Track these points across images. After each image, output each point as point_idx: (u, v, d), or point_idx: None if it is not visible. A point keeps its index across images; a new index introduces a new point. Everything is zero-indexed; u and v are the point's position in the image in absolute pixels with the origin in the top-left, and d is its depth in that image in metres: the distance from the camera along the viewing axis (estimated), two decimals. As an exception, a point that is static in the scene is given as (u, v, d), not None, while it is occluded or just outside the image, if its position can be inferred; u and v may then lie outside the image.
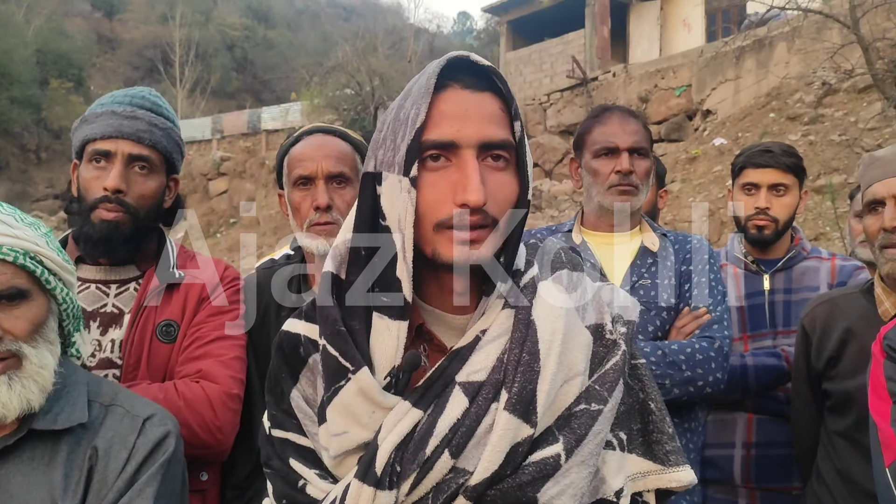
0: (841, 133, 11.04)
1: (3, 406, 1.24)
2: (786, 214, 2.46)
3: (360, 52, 26.16)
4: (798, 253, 2.53)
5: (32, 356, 1.29)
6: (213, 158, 27.32)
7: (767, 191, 2.45)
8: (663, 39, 19.93)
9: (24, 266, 1.29)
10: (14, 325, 1.27)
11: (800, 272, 2.50)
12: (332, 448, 1.06)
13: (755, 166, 2.47)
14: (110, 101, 1.83)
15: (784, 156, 2.46)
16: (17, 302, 1.29)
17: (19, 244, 1.29)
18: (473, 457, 1.01)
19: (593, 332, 1.11)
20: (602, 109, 2.19)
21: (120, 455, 1.32)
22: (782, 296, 2.48)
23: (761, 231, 2.46)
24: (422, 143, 1.03)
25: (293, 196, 1.90)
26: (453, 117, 1.03)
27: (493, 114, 1.04)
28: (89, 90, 35.02)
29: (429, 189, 1.03)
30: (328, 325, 1.09)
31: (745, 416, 2.43)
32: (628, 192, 2.06)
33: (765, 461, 2.37)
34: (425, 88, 1.03)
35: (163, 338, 1.76)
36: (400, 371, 1.06)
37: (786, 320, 2.45)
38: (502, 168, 1.05)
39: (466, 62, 1.06)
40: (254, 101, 37.66)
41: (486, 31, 35.05)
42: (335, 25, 44.91)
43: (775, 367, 2.33)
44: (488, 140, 1.03)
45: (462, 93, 1.04)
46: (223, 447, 1.70)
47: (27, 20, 35.05)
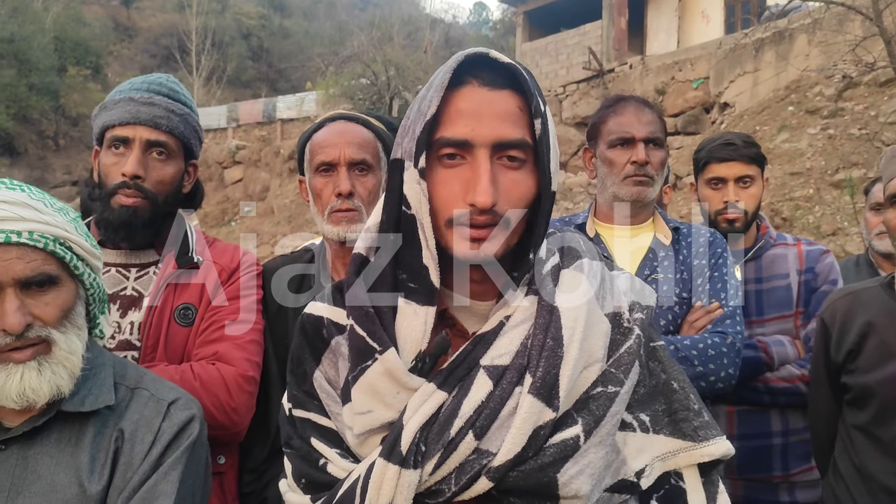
0: (861, 127, 10.91)
1: (33, 392, 1.26)
2: (753, 205, 2.48)
3: (375, 42, 26.11)
4: (766, 241, 2.54)
5: (62, 342, 1.30)
6: (228, 147, 27.39)
7: (734, 184, 2.47)
8: (681, 31, 19.74)
9: (54, 252, 1.30)
10: (44, 312, 1.29)
11: (769, 260, 2.52)
12: (357, 427, 1.09)
13: (719, 160, 2.48)
14: (129, 88, 1.85)
15: (746, 147, 2.47)
16: (47, 288, 1.30)
17: (49, 230, 1.30)
18: (497, 438, 1.03)
19: (611, 320, 1.13)
20: (617, 99, 2.18)
21: (146, 438, 1.34)
22: (754, 285, 2.49)
23: (732, 224, 2.46)
24: (437, 139, 1.05)
25: (315, 182, 1.91)
26: (469, 115, 1.04)
27: (509, 112, 1.05)
28: (106, 78, 35.19)
29: (442, 185, 1.05)
30: (356, 306, 1.11)
31: (726, 408, 2.44)
32: (643, 183, 2.06)
33: (746, 452, 2.38)
34: (440, 83, 1.05)
35: (181, 321, 1.78)
36: (427, 355, 1.09)
37: (759, 310, 2.46)
38: (517, 167, 1.06)
39: (486, 59, 1.07)
40: (269, 90, 37.71)
41: (503, 22, 34.91)
42: (351, 15, 44.84)
43: (753, 359, 2.33)
44: (502, 140, 1.04)
45: (479, 90, 1.05)
46: (238, 428, 1.72)
47: (45, 8, 35.24)
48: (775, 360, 2.35)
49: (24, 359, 1.26)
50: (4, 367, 1.26)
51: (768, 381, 2.34)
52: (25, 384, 1.25)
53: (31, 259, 1.27)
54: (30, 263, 1.26)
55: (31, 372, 1.26)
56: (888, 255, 2.92)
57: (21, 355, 1.26)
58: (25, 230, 1.26)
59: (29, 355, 1.27)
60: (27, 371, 1.26)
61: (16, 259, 1.25)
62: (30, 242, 1.27)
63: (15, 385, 1.25)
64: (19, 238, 1.26)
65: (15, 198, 1.30)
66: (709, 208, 2.50)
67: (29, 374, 1.26)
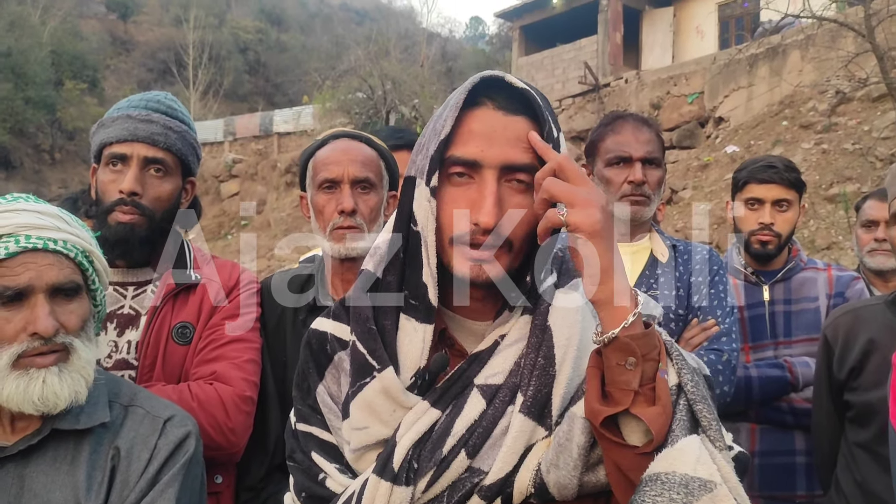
0: (854, 142, 10.97)
1: (55, 395, 1.27)
2: (788, 229, 2.51)
3: (372, 56, 26.20)
4: (796, 264, 2.57)
5: (81, 350, 1.33)
6: (224, 160, 27.43)
7: (771, 206, 2.49)
8: (676, 46, 19.87)
9: (81, 264, 1.35)
10: (68, 319, 1.32)
11: (798, 283, 2.54)
12: (353, 442, 1.10)
13: (759, 182, 2.50)
14: (126, 105, 1.85)
15: (787, 171, 2.50)
16: (72, 297, 1.33)
17: (79, 242, 1.35)
18: (489, 457, 1.04)
19: None
20: (615, 117, 2.19)
21: (142, 456, 1.34)
22: (782, 306, 2.51)
23: (765, 246, 2.50)
24: (448, 157, 1.06)
25: (317, 199, 1.91)
26: (480, 137, 1.05)
27: (520, 137, 1.06)
28: (103, 91, 35.29)
29: (450, 203, 1.06)
30: (360, 323, 1.13)
31: (749, 426, 2.44)
32: (640, 202, 2.07)
33: (769, 469, 2.38)
34: (455, 103, 1.06)
35: (178, 339, 1.77)
36: (426, 372, 1.10)
37: (786, 331, 2.49)
38: (523, 191, 1.06)
39: (501, 82, 1.08)
40: (266, 103, 37.84)
41: (499, 37, 35.08)
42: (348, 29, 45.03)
43: (778, 379, 2.34)
44: (510, 163, 1.05)
45: (493, 113, 1.07)
46: (235, 449, 1.71)
47: (43, 21, 35.36)
48: (800, 381, 2.36)
49: (46, 364, 1.28)
50: (26, 372, 1.27)
51: (792, 401, 2.35)
52: (48, 389, 1.27)
53: (64, 266, 1.33)
54: (63, 271, 1.32)
55: (52, 377, 1.28)
56: (880, 273, 2.93)
57: (44, 360, 1.28)
58: (61, 239, 1.33)
59: (52, 360, 1.29)
60: (49, 376, 1.28)
61: (50, 265, 1.30)
62: (64, 251, 1.32)
63: (37, 390, 1.26)
64: (55, 246, 1.31)
65: (48, 210, 1.37)
66: (743, 228, 2.53)
67: (51, 378, 1.28)
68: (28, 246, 1.29)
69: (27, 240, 1.29)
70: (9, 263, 1.27)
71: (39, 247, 1.30)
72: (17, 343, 1.27)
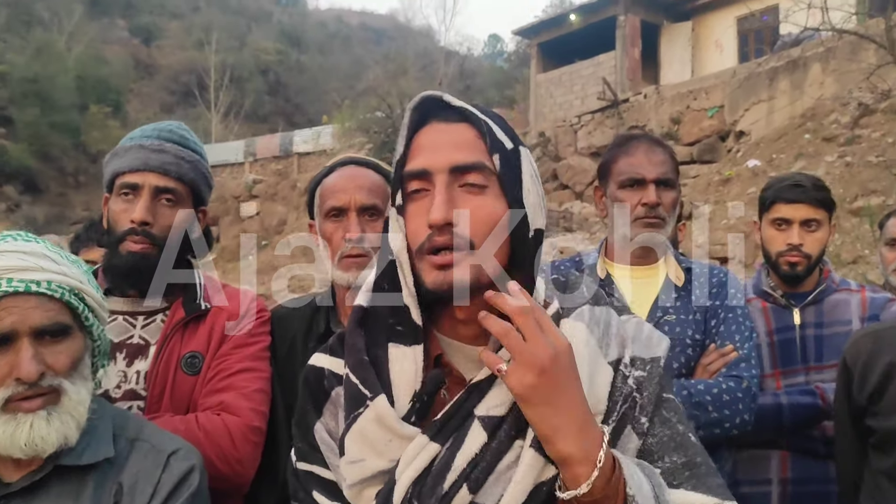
0: (878, 154, 10.82)
1: (42, 440, 1.26)
2: (818, 250, 2.39)
3: (390, 75, 26.45)
4: (828, 286, 2.46)
5: (71, 392, 1.31)
6: (245, 181, 27.69)
7: (800, 227, 2.38)
8: (695, 61, 19.82)
9: (69, 303, 1.33)
10: (56, 361, 1.30)
11: (831, 305, 2.43)
12: (350, 476, 1.08)
13: (786, 201, 2.40)
14: (139, 135, 1.86)
15: (815, 190, 2.39)
16: (60, 338, 1.31)
17: (66, 281, 1.33)
18: (493, 493, 1.01)
19: (615, 368, 1.11)
20: (628, 138, 2.16)
21: (145, 491, 1.33)
22: (814, 330, 2.41)
23: (794, 268, 2.38)
24: (402, 175, 1.10)
25: (325, 227, 1.90)
26: (427, 148, 1.08)
27: (465, 141, 1.08)
28: (127, 115, 35.84)
29: (411, 218, 1.08)
30: (353, 355, 1.13)
31: (780, 453, 2.35)
32: (654, 225, 2.03)
33: (803, 497, 2.29)
34: (404, 125, 1.11)
35: (187, 370, 1.76)
36: (423, 394, 1.08)
37: (818, 355, 2.38)
38: (478, 192, 1.06)
39: (441, 101, 1.11)
40: (286, 124, 38.19)
41: (517, 54, 35.20)
42: (366, 49, 45.52)
43: (810, 406, 2.25)
44: (457, 164, 1.06)
45: (437, 126, 1.10)
46: (243, 480, 1.69)
47: (68, 48, 36.08)
48: (832, 408, 2.28)
49: (33, 408, 1.27)
50: (13, 417, 1.25)
51: (826, 429, 2.25)
52: (35, 433, 1.25)
53: (49, 309, 1.30)
54: (47, 313, 1.29)
55: (40, 421, 1.26)
56: None
57: (31, 405, 1.27)
58: (44, 280, 1.30)
59: (39, 404, 1.27)
60: (36, 420, 1.26)
61: (34, 308, 1.28)
62: (48, 292, 1.30)
63: (24, 435, 1.25)
64: (38, 288, 1.29)
65: (34, 249, 1.33)
66: (771, 249, 2.43)
67: (38, 423, 1.26)
68: (9, 290, 1.27)
69: (9, 283, 1.27)
70: None
71: (21, 290, 1.27)
72: (3, 388, 1.26)
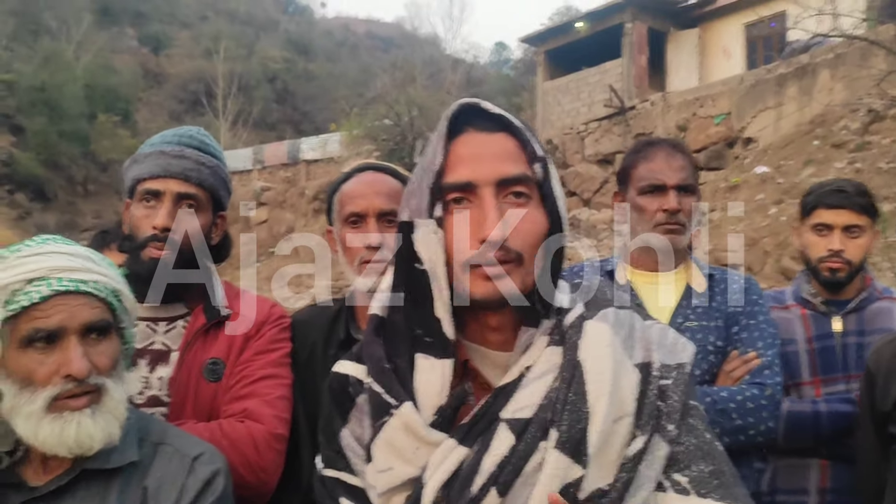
0: (889, 161, 10.78)
1: (90, 438, 1.27)
2: (860, 256, 2.36)
3: (398, 83, 26.52)
4: (870, 294, 2.42)
5: (113, 391, 1.33)
6: (253, 188, 27.78)
7: (841, 232, 2.35)
8: (702, 68, 19.80)
9: (111, 304, 1.36)
10: (100, 360, 1.32)
11: (872, 313, 2.40)
12: (379, 485, 1.08)
13: (828, 207, 2.37)
14: (160, 140, 1.86)
15: (858, 196, 2.37)
16: (103, 337, 1.34)
17: (108, 282, 1.36)
18: (522, 495, 1.01)
19: (641, 370, 1.11)
20: (648, 143, 2.15)
21: (170, 495, 1.33)
22: (855, 338, 2.38)
23: (835, 274, 2.35)
24: (442, 186, 1.07)
25: (344, 233, 1.90)
26: (469, 159, 1.07)
27: (508, 151, 1.07)
28: (136, 124, 35.99)
29: (454, 231, 1.06)
30: (374, 364, 1.13)
31: (819, 461, 2.32)
32: (675, 231, 2.02)
33: None
34: (440, 134, 1.09)
35: (209, 377, 1.76)
36: (448, 409, 1.08)
37: (859, 363, 2.33)
38: (524, 204, 1.07)
39: (478, 108, 1.10)
40: (294, 131, 38.36)
41: (524, 61, 35.25)
42: (374, 57, 45.69)
43: (849, 414, 2.22)
44: (504, 176, 1.06)
45: (476, 135, 1.08)
46: (266, 488, 1.69)
47: (77, 57, 36.25)
48: None
49: (80, 406, 1.28)
50: (60, 415, 1.27)
51: None
52: (83, 432, 1.27)
53: (95, 306, 1.33)
54: (94, 310, 1.32)
55: (87, 420, 1.28)
56: None
57: (77, 402, 1.28)
58: (91, 280, 1.33)
59: (85, 402, 1.29)
60: (83, 418, 1.28)
61: (82, 305, 1.31)
62: (94, 292, 1.33)
63: (72, 433, 1.26)
64: (86, 287, 1.32)
65: (77, 251, 1.38)
66: (811, 254, 2.40)
67: (86, 421, 1.28)
68: (60, 289, 1.29)
69: (59, 283, 1.30)
70: (42, 306, 1.28)
71: (71, 289, 1.30)
72: (50, 386, 1.27)
